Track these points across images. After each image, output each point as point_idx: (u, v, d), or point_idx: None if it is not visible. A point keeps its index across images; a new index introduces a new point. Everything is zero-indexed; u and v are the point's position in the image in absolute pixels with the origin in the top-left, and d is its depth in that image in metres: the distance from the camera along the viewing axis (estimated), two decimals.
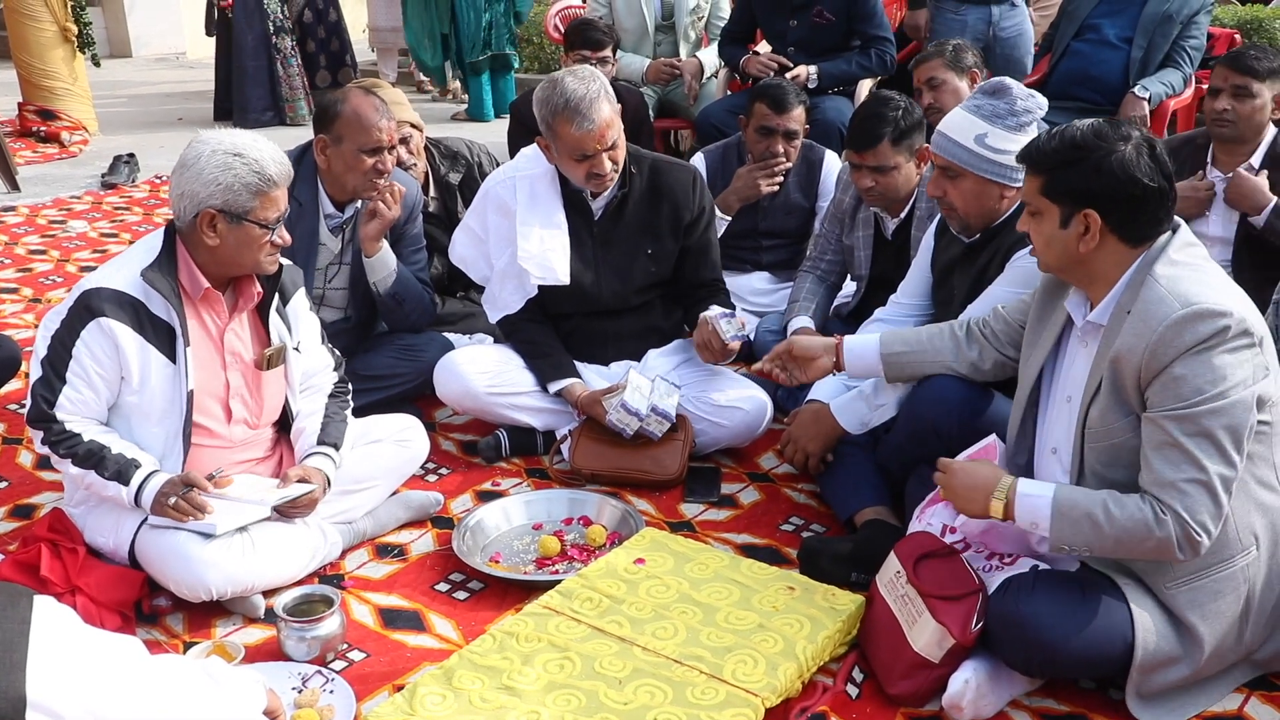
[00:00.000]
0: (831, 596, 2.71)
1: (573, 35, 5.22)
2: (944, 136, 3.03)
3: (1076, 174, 2.33)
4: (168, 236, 2.81)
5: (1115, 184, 2.30)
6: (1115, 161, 2.29)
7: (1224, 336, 2.19)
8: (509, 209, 3.58)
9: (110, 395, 2.80)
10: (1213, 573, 2.33)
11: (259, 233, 2.75)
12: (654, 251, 3.64)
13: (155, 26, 13.47)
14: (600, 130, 3.34)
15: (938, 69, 4.46)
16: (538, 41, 10.83)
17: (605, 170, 3.41)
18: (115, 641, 1.90)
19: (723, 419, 3.55)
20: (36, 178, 7.49)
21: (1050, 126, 4.62)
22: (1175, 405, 2.22)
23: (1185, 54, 5.27)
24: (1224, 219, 3.92)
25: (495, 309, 3.70)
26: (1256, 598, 2.39)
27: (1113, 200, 2.31)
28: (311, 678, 2.54)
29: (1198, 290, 2.25)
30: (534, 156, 3.64)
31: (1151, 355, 2.24)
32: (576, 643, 2.56)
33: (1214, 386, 2.19)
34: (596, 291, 3.62)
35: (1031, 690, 2.52)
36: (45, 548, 2.81)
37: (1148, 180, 2.30)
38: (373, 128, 3.45)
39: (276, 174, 2.74)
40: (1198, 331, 2.20)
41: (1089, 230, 2.34)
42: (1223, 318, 2.20)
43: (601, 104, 3.33)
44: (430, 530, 3.23)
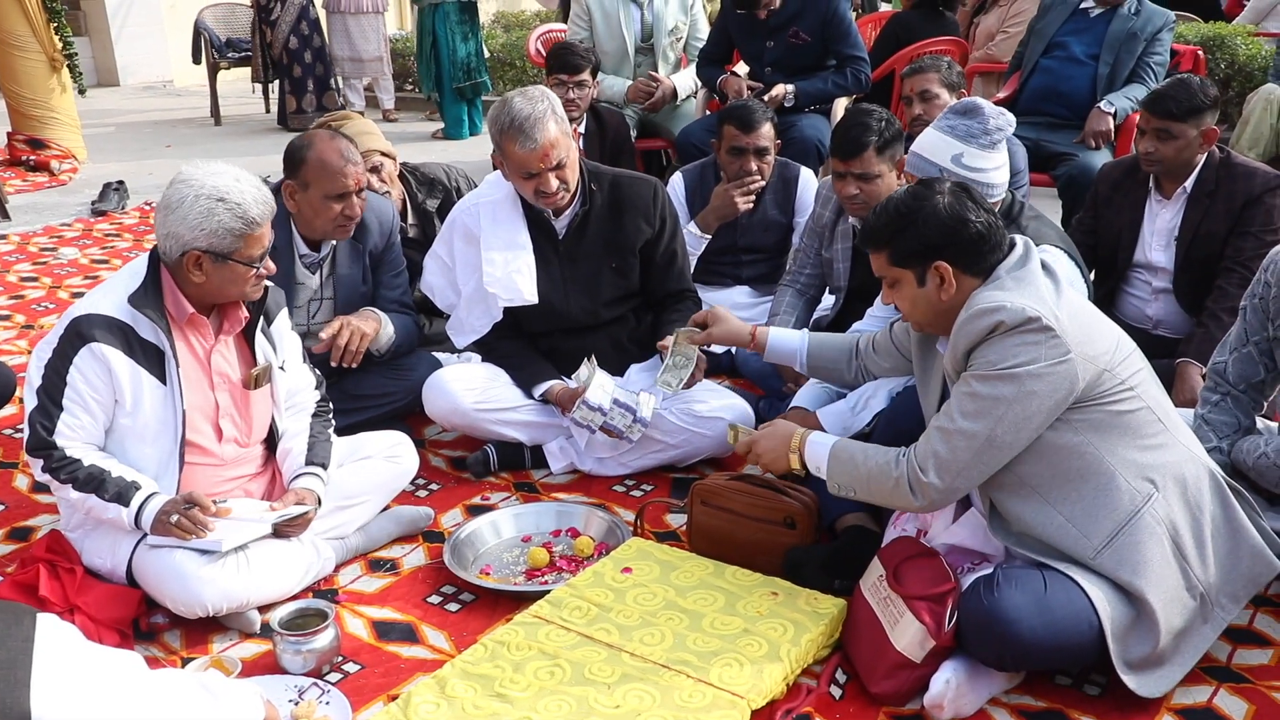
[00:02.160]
0: (814, 601, 2.77)
1: (552, 60, 5.29)
2: (919, 157, 3.11)
3: (912, 235, 2.53)
4: (152, 262, 2.86)
5: (948, 230, 2.50)
6: (940, 212, 2.51)
7: (1002, 327, 2.40)
8: (474, 235, 3.64)
9: (106, 419, 2.84)
10: (1124, 529, 2.45)
11: (244, 270, 2.80)
12: (618, 265, 3.70)
13: (142, 55, 13.51)
14: (544, 149, 3.39)
15: (933, 83, 4.52)
16: (520, 65, 10.95)
17: (551, 189, 3.46)
18: (116, 657, 1.94)
19: (705, 429, 3.61)
20: (27, 206, 7.54)
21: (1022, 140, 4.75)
22: (965, 376, 2.48)
23: (1150, 70, 5.37)
24: (1164, 248, 4.00)
25: (462, 334, 3.78)
26: (1185, 536, 2.49)
27: (953, 245, 2.51)
28: (308, 690, 2.59)
29: (986, 296, 2.46)
30: (496, 182, 3.70)
31: (953, 357, 2.52)
32: (566, 650, 2.62)
33: (995, 364, 2.41)
34: (565, 308, 3.69)
35: (1010, 688, 2.58)
36: (44, 568, 2.86)
37: (974, 217, 2.50)
38: (338, 174, 3.45)
39: (259, 215, 2.77)
40: (977, 326, 2.43)
41: (944, 279, 2.52)
42: (996, 313, 2.40)
43: (547, 123, 3.38)
44: (422, 544, 3.29)
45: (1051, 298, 2.45)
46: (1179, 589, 2.48)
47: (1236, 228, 3.81)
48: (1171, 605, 2.46)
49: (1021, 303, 2.40)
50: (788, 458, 2.76)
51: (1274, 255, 3.02)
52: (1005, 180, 3.09)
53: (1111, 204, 4.12)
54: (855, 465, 2.63)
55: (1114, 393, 2.46)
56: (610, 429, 3.47)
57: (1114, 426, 2.47)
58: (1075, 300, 2.52)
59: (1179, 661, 2.52)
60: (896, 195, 2.60)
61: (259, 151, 9.27)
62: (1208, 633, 2.55)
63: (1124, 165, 4.18)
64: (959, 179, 3.02)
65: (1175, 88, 3.85)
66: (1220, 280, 3.81)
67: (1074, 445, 2.46)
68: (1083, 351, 2.41)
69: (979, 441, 2.44)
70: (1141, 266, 4.08)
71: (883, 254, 2.59)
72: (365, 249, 3.76)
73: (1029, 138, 5.17)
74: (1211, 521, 2.54)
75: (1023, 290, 2.45)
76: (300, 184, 3.51)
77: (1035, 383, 2.39)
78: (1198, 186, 3.89)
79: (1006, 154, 3.09)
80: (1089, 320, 2.51)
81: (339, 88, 10.34)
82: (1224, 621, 2.57)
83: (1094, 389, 2.44)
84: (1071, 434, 2.46)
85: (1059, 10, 5.64)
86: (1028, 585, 2.45)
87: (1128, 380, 2.48)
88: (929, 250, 2.51)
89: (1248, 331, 3.07)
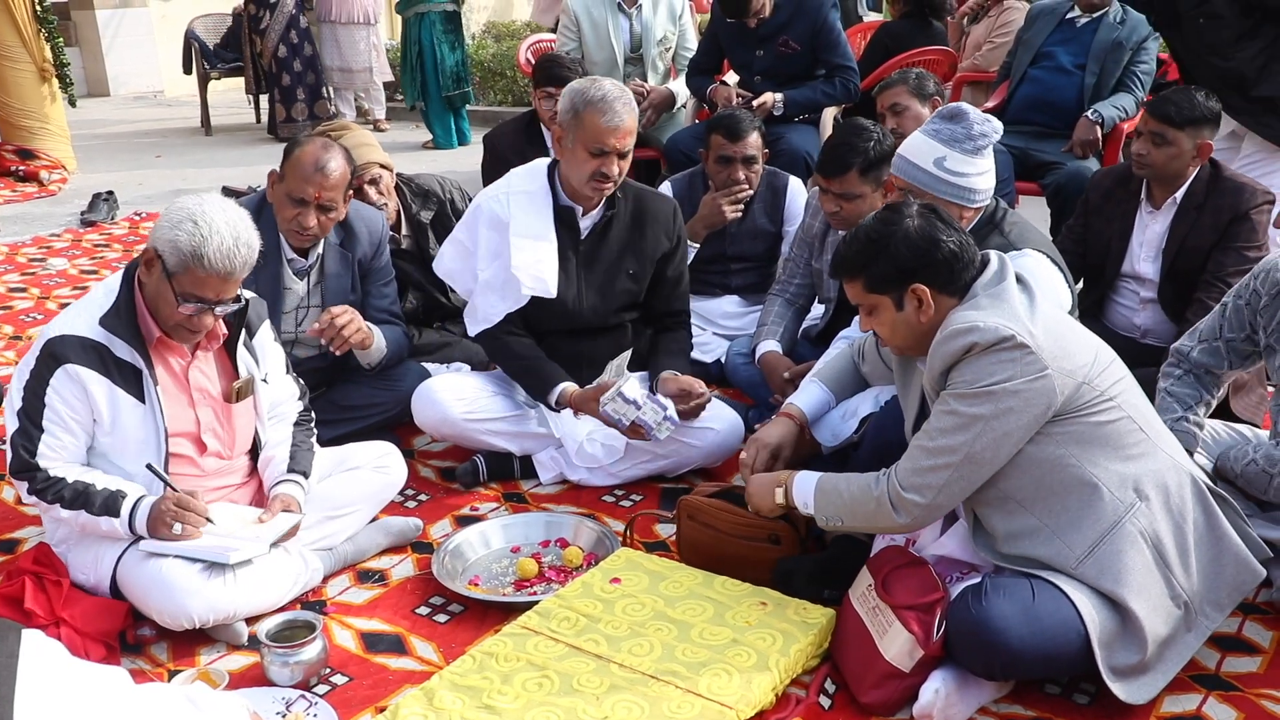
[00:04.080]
0: (803, 611, 2.77)
1: (539, 73, 5.29)
2: (904, 160, 3.12)
3: (886, 261, 2.54)
4: (125, 279, 2.85)
5: (921, 252, 2.52)
6: (911, 235, 2.52)
7: (977, 347, 2.41)
8: (501, 222, 3.62)
9: (87, 437, 2.84)
10: (1107, 539, 2.46)
11: (172, 299, 2.75)
12: (635, 272, 3.72)
13: (133, 66, 13.52)
14: (624, 131, 3.44)
15: (901, 95, 4.55)
16: (510, 75, 10.96)
17: (612, 173, 3.49)
18: (101, 673, 1.93)
19: (695, 439, 3.61)
20: (16, 216, 7.54)
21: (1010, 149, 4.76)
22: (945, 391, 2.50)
23: (1136, 79, 5.39)
24: (1152, 259, 4.02)
25: (475, 322, 3.72)
26: (1167, 546, 2.49)
27: (927, 266, 2.52)
28: (295, 702, 2.58)
29: (961, 316, 2.48)
30: (527, 174, 3.70)
31: (930, 379, 2.54)
32: (555, 661, 2.61)
33: (972, 383, 2.43)
34: (577, 308, 3.68)
35: (999, 697, 2.58)
36: (30, 580, 2.84)
37: (945, 237, 2.52)
38: (303, 180, 3.42)
39: (212, 259, 2.69)
40: (952, 347, 2.45)
41: (922, 301, 2.53)
42: (971, 333, 2.42)
43: (630, 112, 3.46)
44: (410, 555, 3.28)
45: (1026, 314, 2.46)
46: (1163, 597, 2.48)
47: (1221, 242, 3.82)
48: (1156, 614, 2.47)
49: (995, 321, 2.41)
50: (774, 494, 2.80)
51: (1267, 264, 3.04)
52: (990, 186, 3.10)
53: (1102, 213, 4.13)
54: (839, 494, 2.66)
55: (1094, 404, 2.46)
56: (641, 424, 3.43)
57: (1095, 438, 2.47)
58: (1051, 314, 2.54)
59: (1163, 669, 2.52)
60: (865, 223, 2.61)
61: (249, 161, 9.28)
62: (1192, 640, 2.55)
63: (1116, 174, 4.20)
64: (943, 182, 3.04)
65: (1179, 95, 3.88)
66: (1200, 293, 3.83)
67: (1055, 458, 2.47)
68: (1059, 366, 2.42)
69: (958, 458, 2.46)
70: (1129, 276, 4.09)
71: (858, 282, 2.60)
72: (354, 258, 3.75)
73: (1017, 147, 5.18)
74: (1195, 529, 2.54)
75: (998, 308, 2.46)
76: (280, 175, 3.52)
77: (1012, 399, 2.40)
78: (1187, 199, 3.90)
79: (992, 160, 3.10)
80: (1065, 333, 2.51)
81: (330, 97, 10.35)
82: (1208, 630, 2.57)
83: (1073, 402, 2.45)
84: (1053, 447, 2.46)
85: (1046, 20, 5.67)
86: (1016, 595, 2.45)
87: (1107, 391, 2.48)
88: (904, 274, 2.53)
89: (1223, 328, 3.10)
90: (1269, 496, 2.90)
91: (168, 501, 2.81)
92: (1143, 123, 3.91)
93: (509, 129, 5.40)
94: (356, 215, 3.68)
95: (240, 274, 2.79)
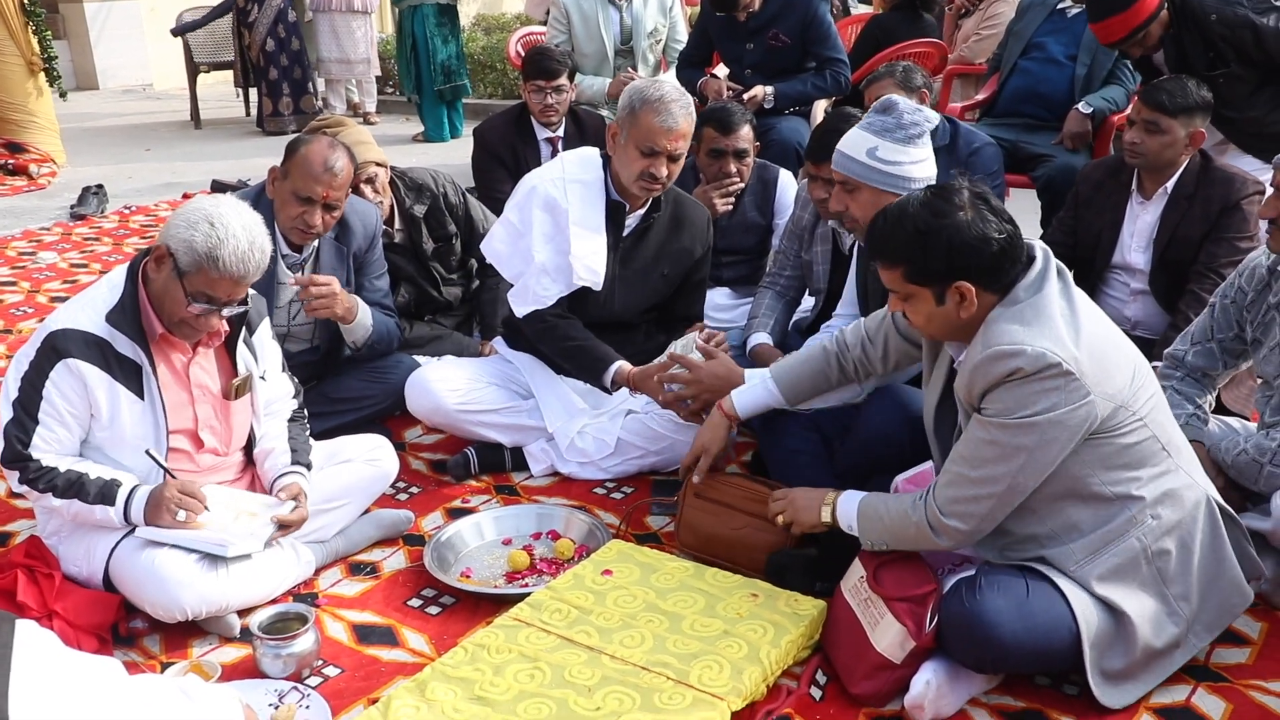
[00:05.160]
0: (794, 602, 2.78)
1: (528, 66, 5.29)
2: (839, 153, 3.11)
3: (932, 257, 2.40)
4: (130, 275, 2.85)
5: (972, 251, 2.38)
6: (963, 231, 2.37)
7: (1021, 373, 2.32)
8: (559, 208, 3.61)
9: (82, 431, 2.84)
10: (1109, 548, 2.46)
11: (181, 297, 2.76)
12: (669, 274, 3.76)
13: (122, 59, 13.48)
14: (678, 134, 3.46)
15: (887, 88, 4.54)
16: (501, 68, 10.95)
17: (661, 175, 3.50)
18: (95, 664, 1.94)
19: (687, 436, 3.56)
20: (5, 210, 7.52)
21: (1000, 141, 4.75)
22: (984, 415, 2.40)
23: (1128, 70, 5.39)
24: (1143, 249, 4.03)
25: (525, 303, 3.65)
26: (1170, 565, 2.49)
27: (977, 266, 2.39)
28: (288, 694, 2.58)
29: (1007, 330, 2.36)
30: (582, 162, 3.69)
31: (968, 393, 2.43)
32: (546, 653, 2.61)
33: (1011, 412, 2.35)
34: (609, 303, 3.69)
35: (990, 688, 2.59)
36: (21, 573, 2.84)
37: (997, 234, 2.38)
38: (311, 179, 3.43)
39: (227, 262, 2.71)
40: (997, 370, 2.35)
41: (965, 298, 2.41)
42: (1015, 358, 2.32)
43: (687, 117, 3.47)
44: (402, 548, 3.28)
45: (1070, 333, 2.36)
46: (1160, 613, 2.49)
47: (1212, 232, 3.83)
48: (1150, 625, 2.48)
49: (1041, 346, 2.32)
50: (820, 511, 2.74)
51: (1250, 261, 3.05)
52: (927, 175, 3.06)
53: (1092, 204, 4.14)
54: (879, 518, 2.60)
55: (1125, 425, 2.41)
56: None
57: (1120, 457, 2.44)
58: (1092, 326, 2.42)
59: (1146, 679, 2.54)
60: (911, 208, 2.44)
61: (239, 155, 9.26)
62: (1178, 657, 2.57)
63: (1106, 165, 4.21)
64: (877, 172, 3.02)
65: (1171, 83, 3.89)
66: (1193, 284, 3.84)
67: (1077, 475, 2.43)
68: (1101, 390, 2.36)
69: (1001, 488, 2.41)
70: (1120, 268, 4.11)
71: (897, 271, 2.46)
72: (349, 251, 3.76)
73: (1007, 139, 5.19)
74: (1199, 550, 2.53)
75: (1041, 326, 2.36)
76: (283, 172, 3.52)
77: (1056, 430, 2.35)
78: (1178, 189, 3.91)
79: (928, 149, 3.08)
80: (1107, 351, 2.42)
81: (316, 91, 10.33)
82: (1195, 648, 2.59)
83: (1107, 423, 2.39)
84: (1077, 466, 2.42)
85: (1037, 11, 5.67)
86: (1009, 589, 2.46)
87: (1139, 410, 2.43)
88: (949, 271, 2.40)
89: (1214, 329, 3.12)
90: (1260, 487, 2.92)
91: (171, 488, 2.81)
92: (1135, 112, 3.92)
93: (498, 122, 5.40)
94: (351, 209, 3.69)
95: (252, 278, 2.80)
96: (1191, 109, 3.81)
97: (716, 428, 3.11)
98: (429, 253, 4.34)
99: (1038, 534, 2.51)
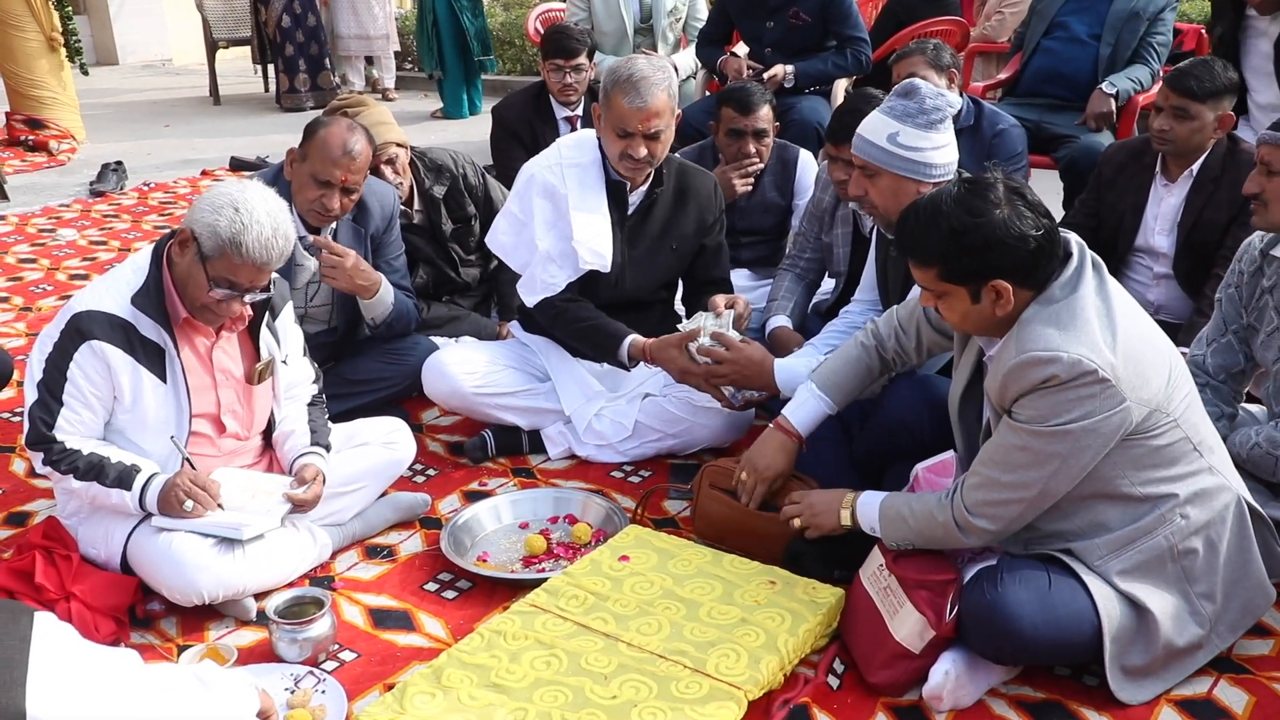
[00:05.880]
0: (812, 590, 2.76)
1: (547, 44, 5.26)
2: (860, 137, 3.07)
3: (968, 257, 2.35)
4: (155, 257, 2.84)
5: (1009, 250, 2.32)
6: (999, 230, 2.32)
7: (1056, 380, 2.28)
8: (558, 194, 3.59)
9: (106, 414, 2.84)
10: (1136, 545, 2.43)
11: (203, 281, 2.75)
12: (678, 247, 3.71)
13: (141, 34, 13.49)
14: (649, 112, 3.39)
15: (919, 66, 4.50)
16: (519, 44, 10.91)
17: (639, 155, 3.44)
18: (112, 655, 1.95)
19: (704, 420, 3.61)
20: (25, 186, 7.52)
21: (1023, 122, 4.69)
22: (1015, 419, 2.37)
23: (1153, 50, 5.32)
24: (1167, 233, 3.99)
25: (533, 293, 3.63)
26: (1196, 565, 2.46)
27: (1014, 265, 2.34)
28: (304, 678, 2.58)
29: (1041, 334, 2.31)
30: (578, 145, 3.67)
31: (1000, 396, 2.40)
32: (563, 640, 2.61)
33: (1048, 421, 2.31)
34: (620, 283, 3.66)
35: (1008, 679, 2.57)
36: (40, 554, 2.85)
37: (1034, 231, 2.32)
38: (330, 163, 3.43)
39: (250, 248, 2.70)
40: (1031, 377, 2.30)
41: (1001, 296, 2.36)
42: (1050, 365, 2.27)
43: (660, 91, 3.40)
44: (419, 531, 3.28)
45: (1105, 336, 2.31)
46: (1182, 611, 2.47)
47: (1239, 217, 3.78)
48: (1171, 623, 2.45)
49: (1078, 353, 2.27)
50: (839, 515, 2.71)
51: (1247, 245, 3.01)
52: (948, 161, 3.03)
53: (1115, 186, 4.10)
54: (904, 519, 2.57)
55: (1159, 426, 2.38)
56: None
57: (1151, 458, 2.40)
58: (1128, 326, 2.36)
59: (1166, 677, 2.51)
60: (945, 206, 2.37)
61: (257, 131, 9.26)
62: (1200, 658, 2.54)
63: (1129, 147, 4.15)
64: (897, 157, 2.99)
65: (1198, 67, 3.82)
66: (1218, 269, 3.78)
67: (1106, 474, 2.40)
68: (1137, 396, 2.32)
69: (1033, 493, 2.39)
70: (1143, 251, 4.06)
71: (931, 271, 2.41)
72: (367, 232, 3.75)
73: (1030, 119, 5.13)
74: (1226, 551, 2.50)
75: (1077, 330, 2.30)
76: (301, 154, 3.51)
77: (1090, 438, 2.31)
78: (1203, 172, 3.86)
79: (949, 134, 3.04)
80: (1144, 353, 2.37)
81: (333, 67, 10.31)
82: (1218, 649, 2.56)
83: (1141, 426, 2.35)
84: (1109, 468, 2.39)
85: None
86: (1032, 581, 2.43)
87: (1173, 411, 2.39)
88: (985, 270, 2.35)
89: (1225, 321, 3.07)
90: (1277, 478, 2.88)
91: (183, 477, 2.81)
92: (1162, 98, 3.86)
93: (518, 100, 5.38)
94: (369, 190, 3.68)
95: (275, 265, 2.79)
96: (1220, 92, 3.76)
97: (782, 450, 3.00)
98: (448, 234, 4.32)
99: (1064, 530, 2.49)
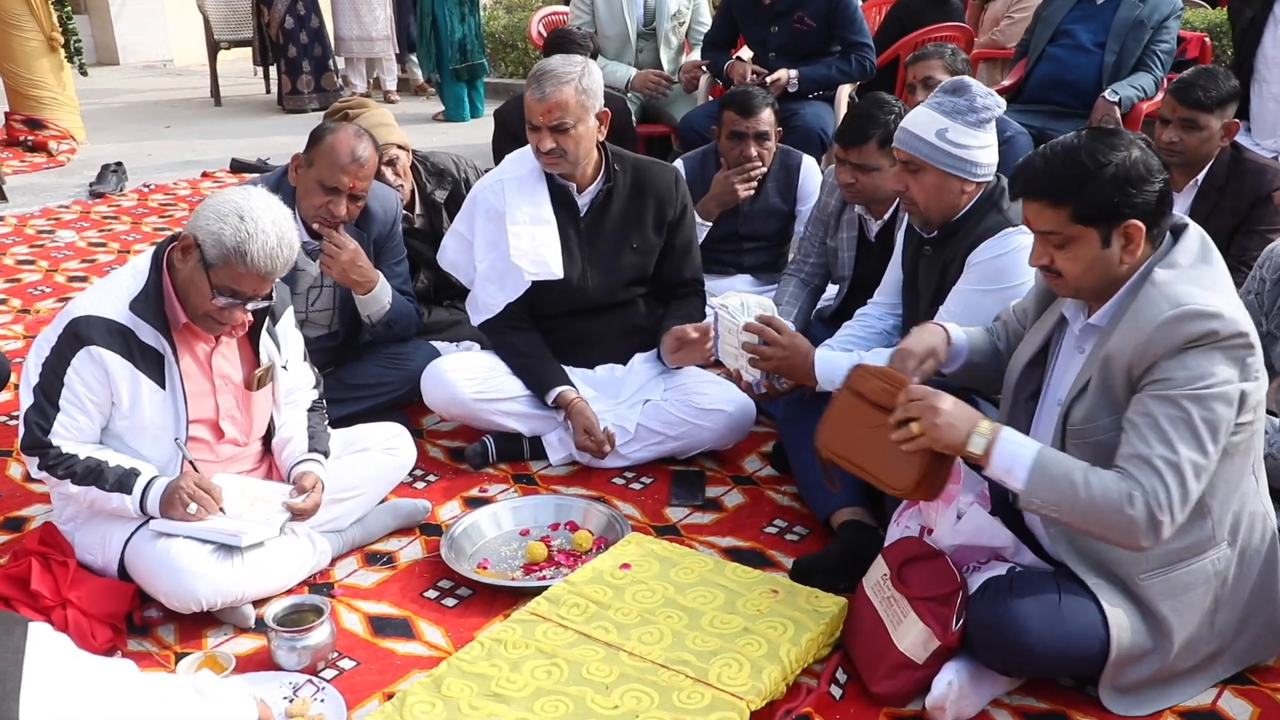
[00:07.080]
0: (814, 599, 2.75)
1: (550, 47, 5.25)
2: (906, 132, 3.06)
3: (1102, 192, 2.26)
4: (155, 262, 2.83)
5: (1146, 187, 2.26)
6: (1138, 166, 2.26)
7: (1214, 337, 2.19)
8: (497, 212, 3.61)
9: (103, 419, 2.83)
10: (1184, 565, 2.38)
11: (206, 289, 2.73)
12: (639, 245, 3.69)
13: (142, 34, 13.47)
14: (548, 105, 3.41)
15: (936, 69, 4.51)
16: (522, 47, 10.89)
17: (544, 147, 3.47)
18: (107, 666, 1.93)
19: (706, 422, 3.58)
20: (24, 187, 7.50)
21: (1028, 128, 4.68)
22: (1162, 389, 2.22)
23: (1157, 58, 5.34)
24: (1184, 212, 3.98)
25: (477, 312, 3.73)
26: (1227, 591, 2.43)
27: (1147, 205, 2.28)
28: (302, 687, 2.56)
29: (1189, 291, 2.23)
30: (520, 158, 3.68)
31: (1141, 354, 2.25)
32: (564, 649, 2.59)
33: (1200, 381, 2.20)
34: (584, 286, 3.65)
35: (1012, 689, 2.55)
36: (36, 561, 2.82)
37: (1162, 175, 2.29)
38: (337, 169, 3.42)
39: (255, 258, 2.68)
40: (1187, 331, 2.20)
41: (1131, 240, 2.29)
42: (1212, 320, 2.19)
43: (565, 84, 3.40)
44: (419, 537, 3.26)
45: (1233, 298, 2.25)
46: (1200, 639, 2.44)
47: (1243, 225, 3.77)
48: (1187, 648, 2.43)
49: (1235, 313, 2.20)
50: (968, 437, 2.31)
51: (1269, 251, 2.99)
52: (992, 161, 3.03)
53: None
54: (1073, 491, 2.23)
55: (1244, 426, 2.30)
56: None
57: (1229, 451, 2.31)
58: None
59: (1163, 697, 2.49)
60: (1080, 142, 2.31)
61: (259, 133, 9.24)
62: (1200, 684, 2.52)
63: None
64: (945, 154, 2.97)
65: (1203, 77, 3.82)
66: None
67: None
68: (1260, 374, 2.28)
69: (1208, 470, 2.24)
70: None
71: (1064, 210, 2.29)
72: (370, 237, 3.73)
73: (1034, 126, 5.12)
74: (1251, 582, 2.47)
75: (1221, 294, 2.23)
76: (307, 160, 3.50)
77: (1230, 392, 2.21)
78: (1208, 181, 3.85)
79: (994, 135, 3.04)
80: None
81: (337, 69, 10.29)
82: (1218, 678, 2.54)
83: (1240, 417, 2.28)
84: None
85: None
86: (1041, 594, 2.40)
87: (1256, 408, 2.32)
88: (1120, 208, 2.26)
89: None
90: None
91: (188, 480, 2.79)
92: (1169, 110, 3.85)
93: (520, 104, 5.33)
94: (371, 194, 3.66)
95: (280, 274, 2.78)
96: (1225, 100, 3.77)
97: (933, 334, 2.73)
98: None
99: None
